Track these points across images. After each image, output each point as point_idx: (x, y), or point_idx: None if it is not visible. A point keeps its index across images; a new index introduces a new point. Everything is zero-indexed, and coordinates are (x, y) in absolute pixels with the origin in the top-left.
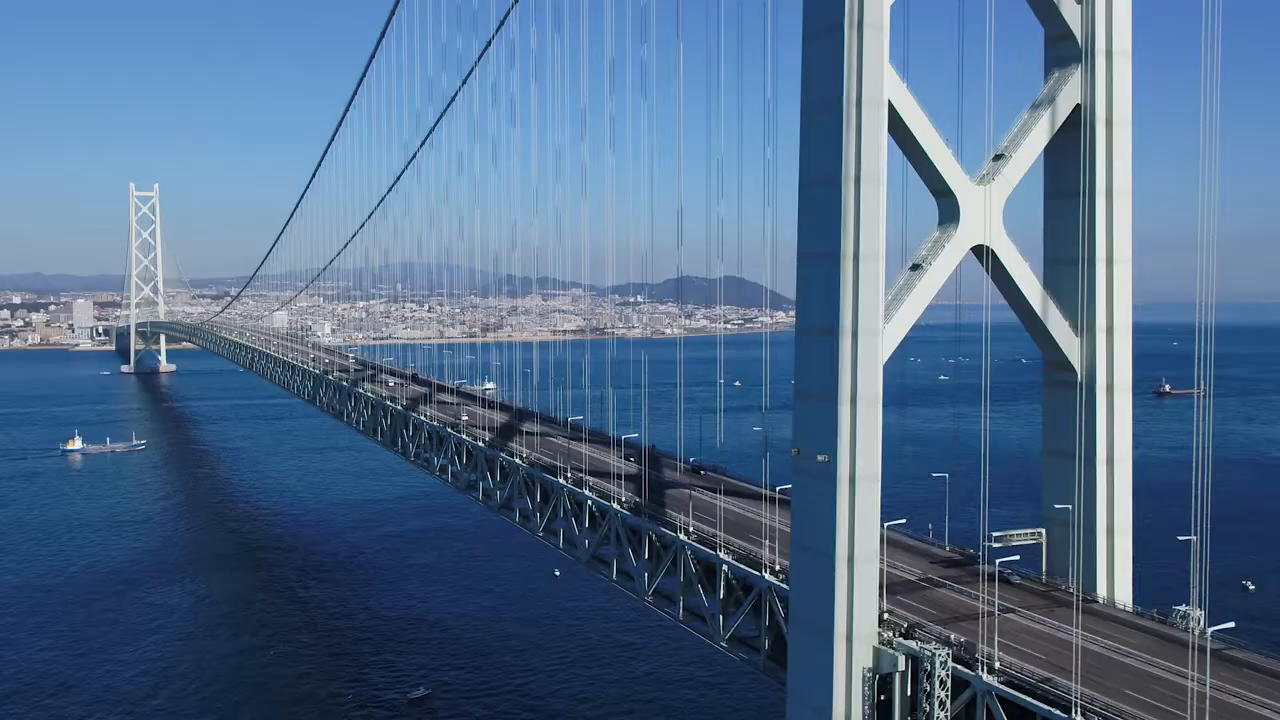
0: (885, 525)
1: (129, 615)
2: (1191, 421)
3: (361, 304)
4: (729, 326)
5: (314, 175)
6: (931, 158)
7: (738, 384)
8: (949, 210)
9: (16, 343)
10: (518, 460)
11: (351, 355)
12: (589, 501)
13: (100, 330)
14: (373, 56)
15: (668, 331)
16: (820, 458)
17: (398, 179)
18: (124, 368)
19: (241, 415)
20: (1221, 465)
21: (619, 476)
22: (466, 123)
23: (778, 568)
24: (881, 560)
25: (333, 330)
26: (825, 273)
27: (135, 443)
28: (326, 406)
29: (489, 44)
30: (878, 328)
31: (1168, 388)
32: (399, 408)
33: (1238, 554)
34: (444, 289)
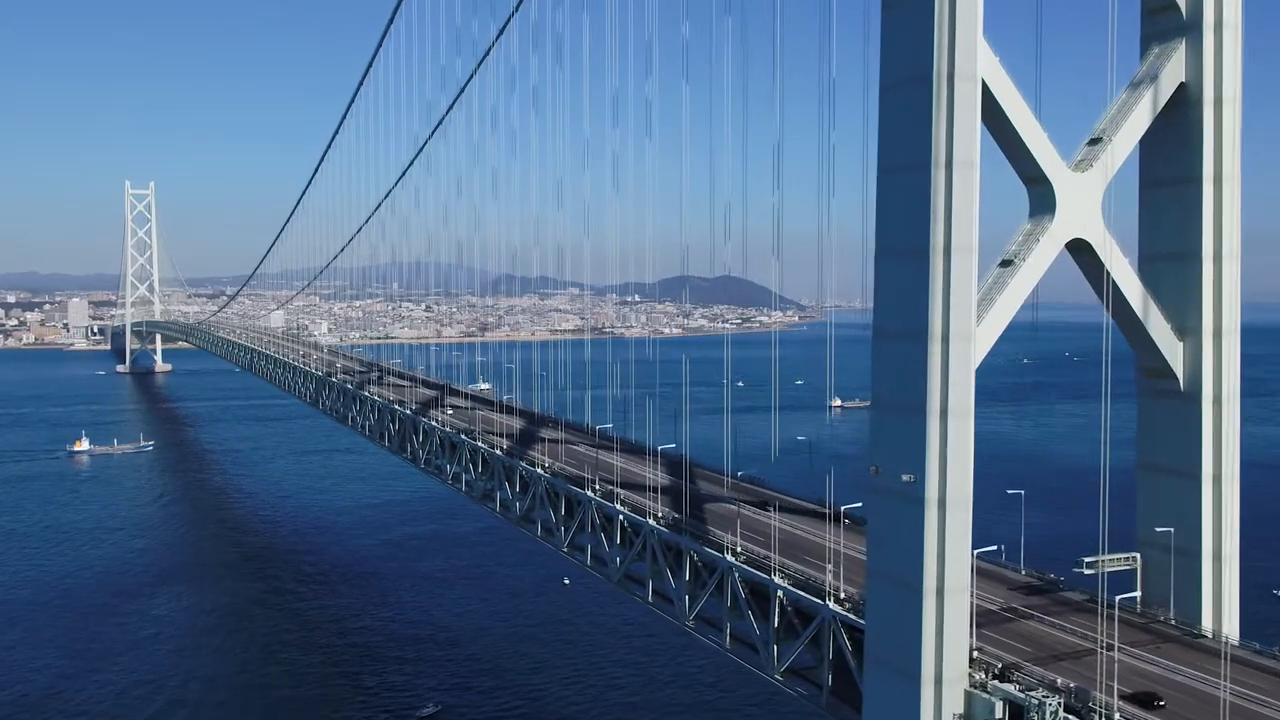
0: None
1: (125, 627)
2: None
3: (358, 303)
4: (727, 326)
5: (314, 174)
6: (1026, 142)
7: (741, 384)
8: (1044, 200)
9: (11, 342)
10: (539, 470)
11: (354, 356)
12: (620, 516)
13: (95, 329)
14: (374, 57)
15: (665, 331)
16: (905, 477)
17: (399, 178)
18: (119, 367)
19: (240, 416)
20: (1242, 468)
21: (654, 489)
22: (469, 124)
23: (843, 595)
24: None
25: (329, 330)
26: (910, 270)
27: (143, 444)
28: (330, 410)
29: (500, 31)
30: (970, 331)
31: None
32: (407, 412)
33: (1268, 561)
34: (441, 289)
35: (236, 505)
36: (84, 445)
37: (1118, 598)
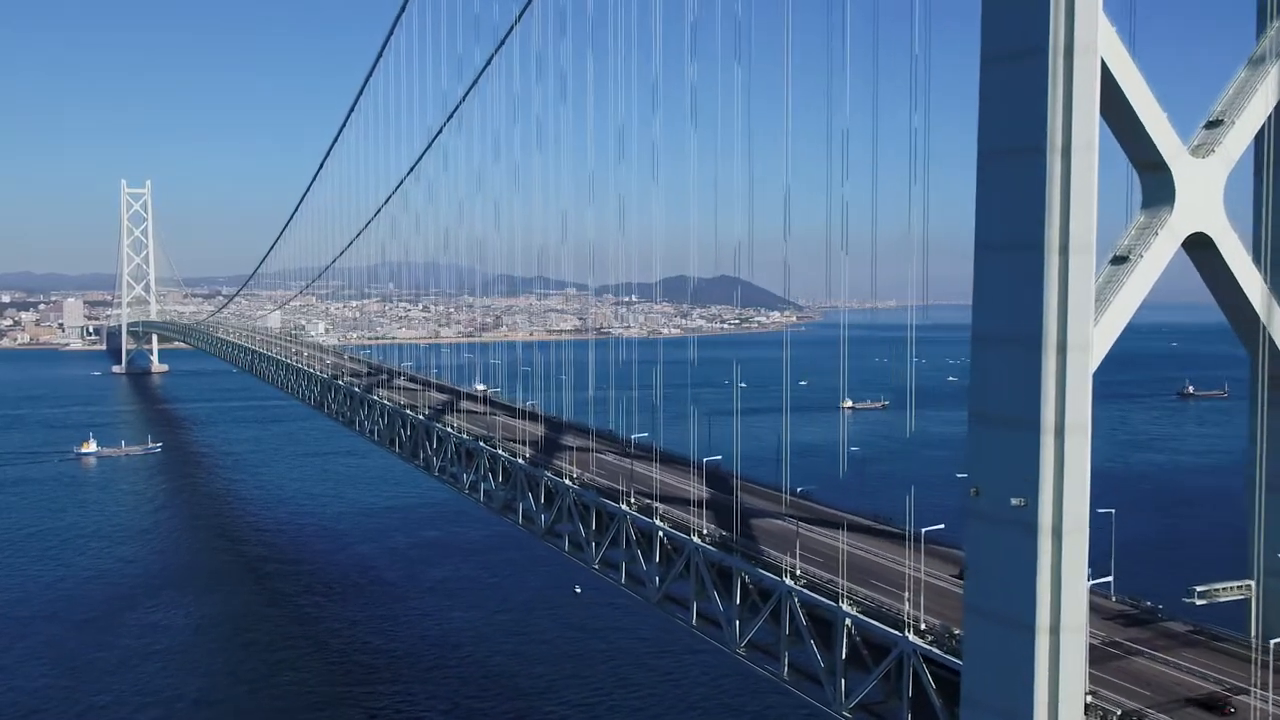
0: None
1: (125, 638)
2: (1218, 425)
3: (355, 303)
4: (725, 326)
5: (316, 175)
6: (1146, 125)
7: (743, 385)
8: (1160, 190)
9: (6, 342)
10: (566, 481)
11: (359, 358)
12: (660, 533)
13: (91, 330)
14: (378, 58)
15: (664, 331)
16: (1015, 501)
17: (402, 181)
18: (115, 368)
19: (240, 418)
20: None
21: (697, 504)
22: (470, 126)
23: (923, 626)
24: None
25: (326, 330)
26: (1021, 268)
27: (150, 446)
28: (336, 414)
29: (510, 29)
30: (1088, 337)
31: (1191, 389)
32: (420, 417)
33: None
34: (439, 289)
35: (241, 509)
36: (91, 447)
37: (1273, 642)
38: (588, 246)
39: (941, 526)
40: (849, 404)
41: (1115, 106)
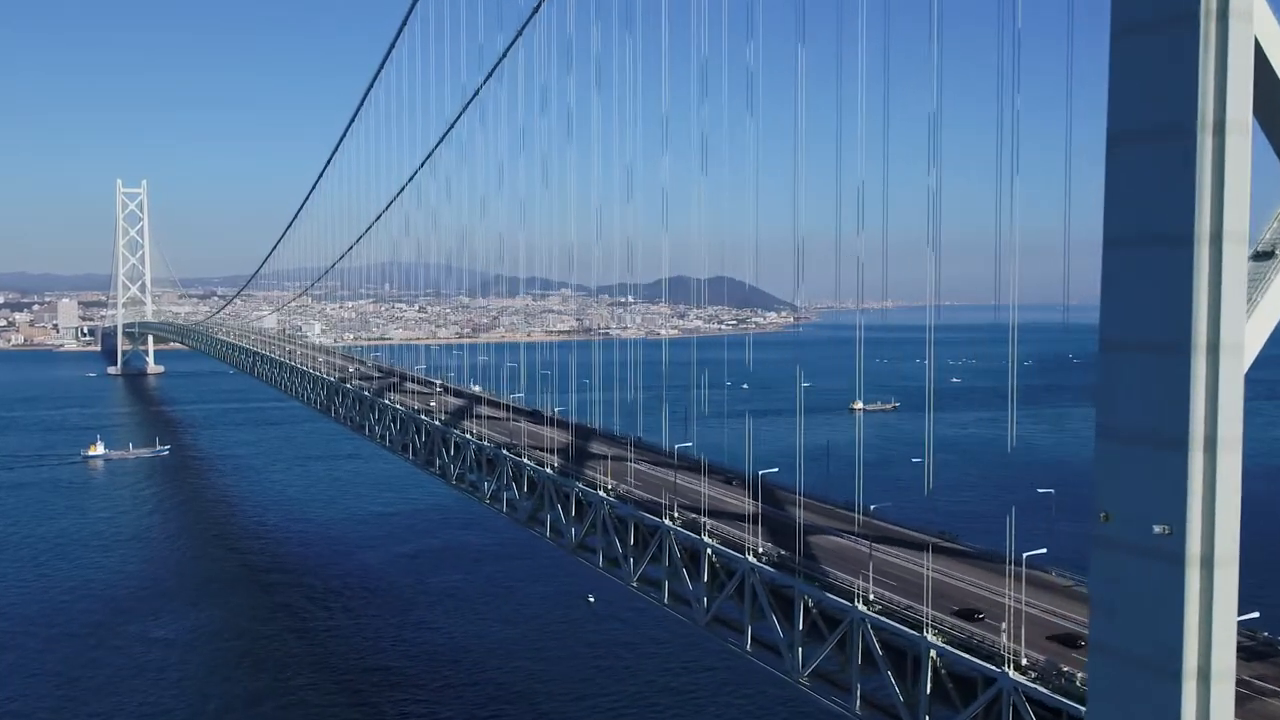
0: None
1: (123, 651)
2: None
3: (351, 304)
4: (723, 327)
5: (321, 175)
6: None
7: (745, 386)
8: None
9: (0, 343)
10: (600, 492)
11: (364, 360)
12: (709, 550)
13: (85, 330)
14: (385, 58)
15: (662, 332)
16: (1159, 529)
17: (406, 184)
18: (110, 369)
19: (241, 420)
20: (1273, 474)
21: (751, 519)
22: (474, 126)
23: (1024, 661)
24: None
25: (322, 331)
26: (1164, 263)
27: (158, 448)
28: (345, 418)
29: (517, 34)
30: (1240, 339)
31: None
32: (436, 423)
33: None
34: (435, 289)
35: (249, 515)
36: (99, 450)
37: None
38: (587, 247)
39: (1043, 551)
40: (859, 405)
41: (1262, 84)
